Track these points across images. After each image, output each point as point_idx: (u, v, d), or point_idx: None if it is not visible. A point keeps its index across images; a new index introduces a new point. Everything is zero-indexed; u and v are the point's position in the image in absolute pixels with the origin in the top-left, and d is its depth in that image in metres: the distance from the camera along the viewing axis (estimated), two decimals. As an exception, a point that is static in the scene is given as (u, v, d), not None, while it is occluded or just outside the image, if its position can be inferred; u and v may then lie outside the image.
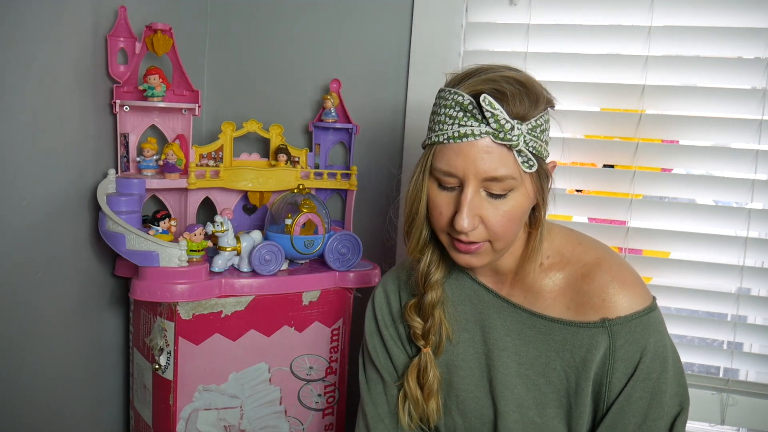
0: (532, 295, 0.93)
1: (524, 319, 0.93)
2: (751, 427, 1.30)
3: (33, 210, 1.03)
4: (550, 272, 0.92)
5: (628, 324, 0.86)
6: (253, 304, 1.14)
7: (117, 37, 1.18)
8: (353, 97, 1.39)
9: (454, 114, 0.84)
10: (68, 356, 1.15)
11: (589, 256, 0.91)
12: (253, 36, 1.46)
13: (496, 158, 0.82)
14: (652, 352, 0.86)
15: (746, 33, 1.22)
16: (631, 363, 0.86)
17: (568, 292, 0.91)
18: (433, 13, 1.34)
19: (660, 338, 0.87)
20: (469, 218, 0.83)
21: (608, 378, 0.87)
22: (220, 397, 1.14)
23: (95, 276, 1.21)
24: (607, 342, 0.86)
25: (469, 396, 0.96)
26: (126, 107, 1.18)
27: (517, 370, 0.93)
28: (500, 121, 0.81)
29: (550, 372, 0.91)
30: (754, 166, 1.23)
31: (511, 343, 0.93)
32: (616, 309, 0.86)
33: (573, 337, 0.89)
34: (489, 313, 0.96)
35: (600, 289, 0.88)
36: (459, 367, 0.97)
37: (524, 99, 0.82)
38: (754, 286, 1.29)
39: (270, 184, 1.27)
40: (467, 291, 0.98)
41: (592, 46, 1.29)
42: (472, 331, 0.97)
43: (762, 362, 1.28)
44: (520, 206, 0.85)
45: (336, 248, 1.21)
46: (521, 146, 0.82)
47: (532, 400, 0.92)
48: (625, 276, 0.89)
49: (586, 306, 0.88)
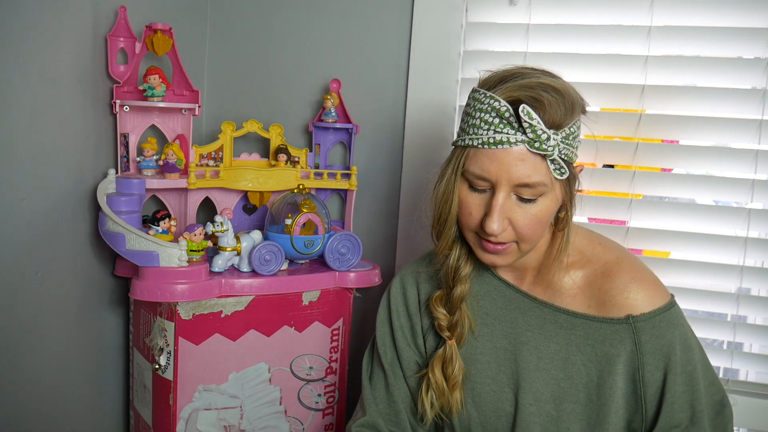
0: (552, 291, 0.95)
1: (546, 314, 0.95)
2: (751, 427, 1.30)
3: (33, 210, 1.03)
4: (571, 270, 0.95)
5: (651, 320, 0.89)
6: (253, 304, 1.14)
7: (117, 37, 1.18)
8: (353, 97, 1.39)
9: (490, 120, 0.84)
10: (68, 356, 1.15)
11: (608, 256, 0.94)
12: (253, 36, 1.46)
13: (530, 166, 0.83)
14: (681, 345, 0.89)
15: (746, 33, 1.22)
16: (660, 356, 0.88)
17: (588, 290, 0.93)
18: (433, 13, 1.34)
19: (684, 332, 0.91)
20: (499, 222, 0.86)
21: (640, 374, 0.89)
22: (220, 397, 1.14)
23: (95, 276, 1.21)
24: (632, 338, 0.89)
25: (486, 390, 0.98)
26: (126, 107, 1.18)
27: (537, 364, 0.95)
28: (537, 131, 0.82)
29: (569, 367, 0.93)
30: (754, 166, 1.23)
31: (532, 338, 0.95)
32: (639, 306, 0.89)
33: (595, 333, 0.91)
34: (510, 308, 0.98)
35: (621, 287, 0.90)
36: (477, 360, 0.99)
37: (560, 108, 0.84)
38: (754, 286, 1.29)
39: (270, 184, 1.27)
40: (488, 286, 1.01)
41: (592, 46, 1.29)
42: (491, 326, 0.99)
43: (762, 362, 1.28)
44: (548, 210, 0.87)
45: (336, 248, 1.21)
46: (555, 156, 0.83)
47: (549, 394, 0.93)
48: (645, 275, 0.92)
49: (607, 304, 0.91)
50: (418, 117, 1.36)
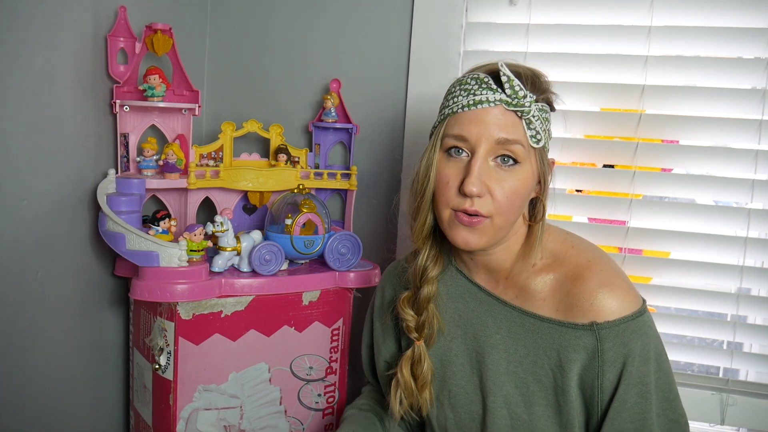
0: (524, 295, 0.94)
1: (514, 317, 0.94)
2: (751, 427, 1.30)
3: (33, 210, 1.03)
4: (542, 273, 0.94)
5: (616, 328, 0.86)
6: (253, 304, 1.14)
7: (117, 37, 1.18)
8: (353, 97, 1.39)
9: (469, 87, 0.89)
10: (68, 356, 1.15)
11: (580, 259, 0.92)
12: (253, 36, 1.46)
13: (509, 123, 0.87)
14: (639, 356, 0.86)
15: (746, 33, 1.22)
16: (618, 365, 0.86)
17: (557, 293, 0.91)
18: (433, 13, 1.34)
19: (646, 342, 0.87)
20: (478, 183, 0.87)
21: (599, 381, 0.87)
22: (220, 397, 1.14)
23: (95, 276, 1.21)
24: (594, 345, 0.86)
25: (460, 391, 0.98)
26: (126, 107, 1.18)
27: (507, 367, 0.94)
28: (515, 87, 0.86)
29: (538, 370, 0.92)
30: (754, 166, 1.23)
31: (501, 341, 0.95)
32: (605, 313, 0.87)
33: (560, 337, 0.89)
34: (481, 311, 0.98)
35: (589, 292, 0.88)
36: (451, 362, 0.99)
37: (536, 81, 0.90)
38: (754, 286, 1.29)
39: (270, 184, 1.27)
40: (461, 289, 1.01)
41: (592, 46, 1.29)
42: (464, 328, 0.99)
43: (762, 362, 1.28)
44: (525, 183, 0.89)
45: (336, 248, 1.21)
46: (532, 114, 0.87)
47: (520, 398, 0.93)
48: (615, 280, 0.89)
49: (574, 308, 0.89)
50: (418, 117, 1.36)
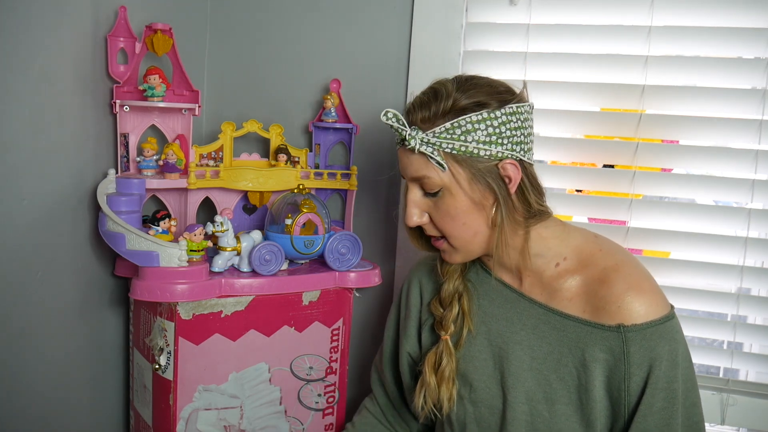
0: (550, 293, 0.96)
1: (540, 314, 0.95)
2: (751, 427, 1.30)
3: (33, 210, 1.03)
4: (568, 274, 0.95)
5: (643, 332, 0.87)
6: (253, 304, 1.14)
7: (117, 37, 1.18)
8: (353, 97, 1.39)
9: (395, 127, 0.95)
10: (68, 356, 1.15)
11: (608, 261, 0.92)
12: (253, 36, 1.46)
13: (414, 161, 0.93)
14: (667, 361, 0.86)
15: (746, 33, 1.22)
16: (645, 368, 0.87)
17: (584, 295, 0.92)
18: (433, 13, 1.34)
19: (674, 347, 0.87)
20: (411, 212, 0.95)
21: (626, 383, 0.88)
22: (220, 397, 1.14)
23: (95, 276, 1.21)
24: (621, 347, 0.87)
25: (482, 386, 0.99)
26: (126, 107, 1.18)
27: (530, 364, 0.95)
28: (399, 130, 0.92)
29: (561, 368, 0.92)
30: (754, 166, 1.23)
31: (525, 338, 0.96)
32: (632, 316, 0.87)
33: (586, 336, 0.90)
34: (507, 308, 0.99)
35: (617, 295, 0.88)
36: (474, 357, 1.00)
37: (428, 108, 0.91)
38: (754, 286, 1.29)
39: (270, 184, 1.27)
40: (486, 286, 1.03)
41: (592, 46, 1.29)
42: (489, 324, 1.00)
43: (762, 362, 1.28)
44: (456, 205, 0.92)
45: (336, 248, 1.21)
46: (419, 148, 0.90)
47: (542, 395, 0.93)
48: (643, 284, 0.90)
49: (602, 311, 0.89)
50: (418, 117, 1.36)
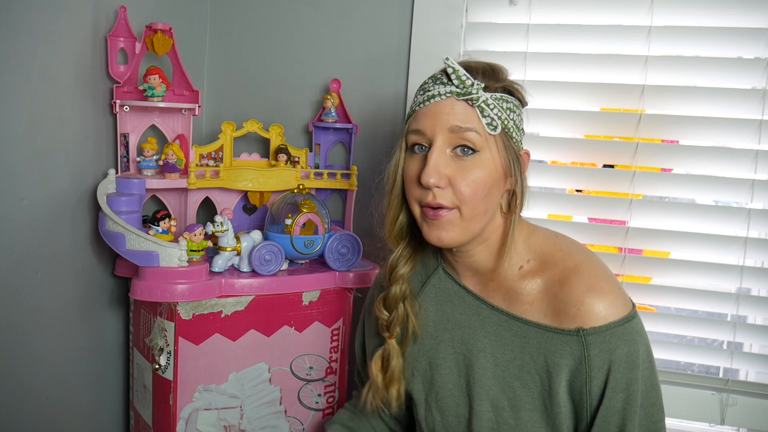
0: (511, 298, 0.94)
1: (502, 321, 0.94)
2: (751, 427, 1.30)
3: (33, 210, 1.03)
4: (529, 277, 0.93)
5: (602, 334, 0.85)
6: (253, 304, 1.14)
7: (117, 37, 1.18)
8: (353, 97, 1.39)
9: (425, 86, 0.93)
10: (68, 356, 1.15)
11: (568, 262, 0.91)
12: (253, 36, 1.46)
13: (461, 112, 0.88)
14: (626, 362, 0.85)
15: (746, 33, 1.22)
16: (605, 371, 0.86)
17: (545, 297, 0.90)
18: (433, 13, 1.34)
19: (634, 348, 0.86)
20: (435, 172, 0.87)
21: (588, 386, 0.86)
22: (220, 397, 1.14)
23: (95, 276, 1.21)
24: (581, 351, 0.86)
25: (447, 394, 0.99)
26: (126, 107, 1.18)
27: (494, 371, 0.94)
28: (461, 78, 0.88)
29: (524, 375, 0.91)
30: (754, 166, 1.23)
31: (488, 345, 0.95)
32: (592, 319, 0.86)
33: (547, 343, 0.89)
34: (469, 314, 0.98)
35: (576, 297, 0.87)
36: (440, 365, 1.00)
37: (488, 72, 0.91)
38: (754, 286, 1.29)
39: (270, 184, 1.27)
40: (449, 292, 1.01)
41: (592, 46, 1.29)
42: (452, 331, 0.99)
43: (762, 362, 1.28)
44: (486, 171, 0.89)
45: (336, 248, 1.21)
46: (482, 101, 0.88)
47: (507, 402, 0.92)
48: (603, 284, 0.88)
49: (562, 314, 0.88)
50: (418, 117, 1.36)
